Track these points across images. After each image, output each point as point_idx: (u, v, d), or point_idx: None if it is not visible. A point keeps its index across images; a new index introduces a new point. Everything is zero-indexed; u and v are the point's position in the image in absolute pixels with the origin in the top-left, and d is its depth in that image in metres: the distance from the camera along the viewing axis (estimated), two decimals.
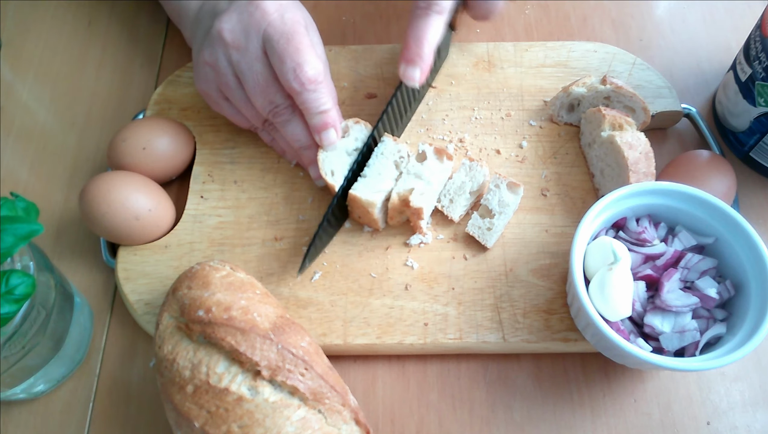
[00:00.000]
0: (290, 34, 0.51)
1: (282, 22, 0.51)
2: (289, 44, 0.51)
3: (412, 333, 0.53)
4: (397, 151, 0.57)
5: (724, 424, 0.51)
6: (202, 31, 0.56)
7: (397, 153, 0.56)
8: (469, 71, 0.66)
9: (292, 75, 0.51)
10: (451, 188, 0.57)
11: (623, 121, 0.57)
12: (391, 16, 0.73)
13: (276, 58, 0.51)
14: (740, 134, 0.61)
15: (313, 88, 0.52)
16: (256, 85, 0.53)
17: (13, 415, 0.53)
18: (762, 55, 0.55)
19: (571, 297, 0.51)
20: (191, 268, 0.50)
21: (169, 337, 0.46)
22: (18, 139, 0.66)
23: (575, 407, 0.52)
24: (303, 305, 0.54)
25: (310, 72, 0.51)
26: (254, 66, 0.52)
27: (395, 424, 0.52)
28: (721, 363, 0.45)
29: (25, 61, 0.70)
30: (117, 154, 0.57)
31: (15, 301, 0.42)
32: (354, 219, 0.58)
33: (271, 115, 0.55)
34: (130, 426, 0.52)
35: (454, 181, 0.57)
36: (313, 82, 0.51)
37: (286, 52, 0.51)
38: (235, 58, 0.53)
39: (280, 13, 0.52)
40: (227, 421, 0.43)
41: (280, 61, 0.51)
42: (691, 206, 0.51)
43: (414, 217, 0.55)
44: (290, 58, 0.51)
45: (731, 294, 0.49)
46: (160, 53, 0.71)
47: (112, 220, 0.54)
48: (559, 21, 0.72)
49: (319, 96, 0.52)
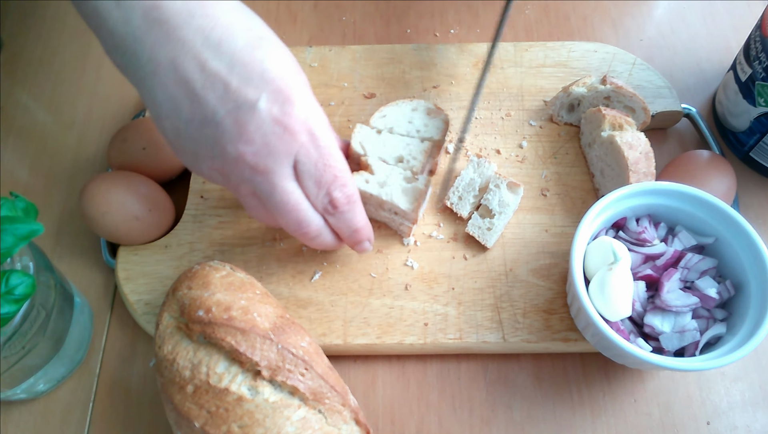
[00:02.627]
0: (325, 158, 0.46)
1: (314, 144, 0.46)
2: (326, 171, 0.46)
3: (412, 333, 0.53)
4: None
5: (724, 424, 0.51)
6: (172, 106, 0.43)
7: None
8: (469, 71, 0.66)
9: (327, 200, 0.48)
10: (460, 185, 0.57)
11: (623, 121, 0.57)
12: (391, 16, 0.73)
13: (310, 183, 0.47)
14: (740, 134, 0.61)
15: (347, 210, 0.49)
16: (286, 204, 0.47)
17: (13, 415, 0.53)
18: (762, 55, 0.55)
19: (571, 297, 0.51)
20: (191, 268, 0.50)
21: (169, 337, 0.46)
22: (18, 139, 0.66)
23: (575, 407, 0.52)
24: (303, 305, 0.54)
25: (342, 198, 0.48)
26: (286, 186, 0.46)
27: (395, 424, 0.52)
28: (721, 363, 0.45)
29: (25, 61, 0.70)
30: (117, 154, 0.57)
31: (15, 301, 0.42)
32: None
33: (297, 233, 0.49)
34: (130, 426, 0.52)
35: (462, 178, 0.58)
36: (347, 204, 0.48)
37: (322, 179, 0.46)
38: (260, 180, 0.45)
39: (309, 130, 0.45)
40: (227, 421, 0.43)
41: (315, 186, 0.47)
42: (691, 206, 0.51)
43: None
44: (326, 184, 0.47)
45: (731, 294, 0.49)
46: None
47: (112, 220, 0.54)
48: (559, 21, 0.72)
49: (353, 216, 0.49)
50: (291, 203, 0.46)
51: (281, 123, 0.43)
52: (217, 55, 0.42)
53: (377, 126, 0.58)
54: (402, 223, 0.56)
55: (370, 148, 0.56)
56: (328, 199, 0.48)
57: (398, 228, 0.57)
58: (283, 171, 0.45)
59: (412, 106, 0.59)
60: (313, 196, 0.47)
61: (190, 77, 0.42)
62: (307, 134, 0.45)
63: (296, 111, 0.44)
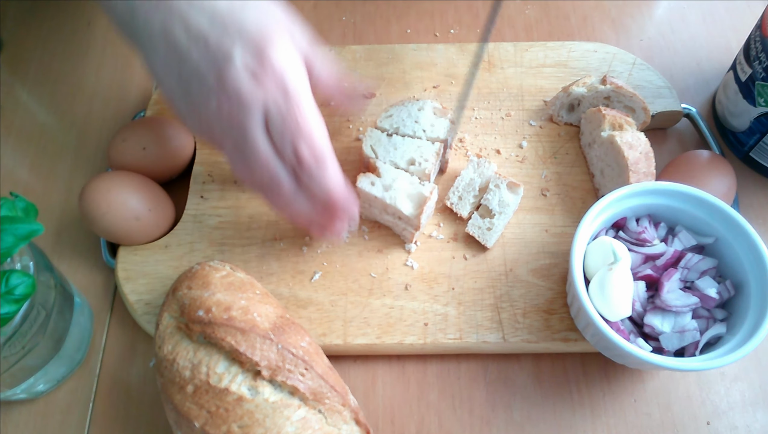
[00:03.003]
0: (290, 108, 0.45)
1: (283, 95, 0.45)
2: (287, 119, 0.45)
3: (412, 333, 0.53)
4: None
5: (724, 424, 0.51)
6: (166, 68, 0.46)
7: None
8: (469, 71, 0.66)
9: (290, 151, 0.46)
10: (460, 185, 0.57)
11: (623, 121, 0.57)
12: (391, 16, 0.73)
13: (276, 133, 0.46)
14: (740, 134, 0.61)
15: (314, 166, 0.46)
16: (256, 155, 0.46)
17: (13, 415, 0.53)
18: (762, 55, 0.55)
19: (571, 297, 0.51)
20: (191, 268, 0.50)
21: (169, 337, 0.46)
22: (18, 139, 0.66)
23: (575, 407, 0.52)
24: (303, 305, 0.54)
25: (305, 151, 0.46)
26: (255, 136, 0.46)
27: (395, 424, 0.52)
28: (721, 363, 0.45)
29: (25, 61, 0.70)
30: (117, 154, 0.57)
31: (15, 301, 0.42)
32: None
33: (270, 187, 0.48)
34: (130, 426, 0.52)
35: (462, 178, 0.58)
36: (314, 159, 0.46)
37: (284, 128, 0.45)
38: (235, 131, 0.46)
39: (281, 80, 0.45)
40: (227, 421, 0.43)
41: (279, 136, 0.45)
42: (691, 206, 0.51)
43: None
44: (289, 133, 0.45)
45: (731, 294, 0.49)
46: None
47: (112, 220, 0.54)
48: (559, 21, 0.72)
49: (323, 176, 0.47)
50: (261, 158, 0.46)
51: (253, 72, 0.44)
52: (200, 14, 0.44)
53: (383, 126, 0.58)
54: (405, 229, 0.56)
55: (381, 151, 0.56)
56: (293, 151, 0.46)
57: (401, 233, 0.57)
58: (254, 122, 0.45)
59: (418, 105, 0.59)
60: (279, 146, 0.46)
61: (177, 39, 0.44)
62: (278, 84, 0.45)
63: (268, 60, 0.44)
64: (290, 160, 0.46)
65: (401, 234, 0.57)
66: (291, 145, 0.45)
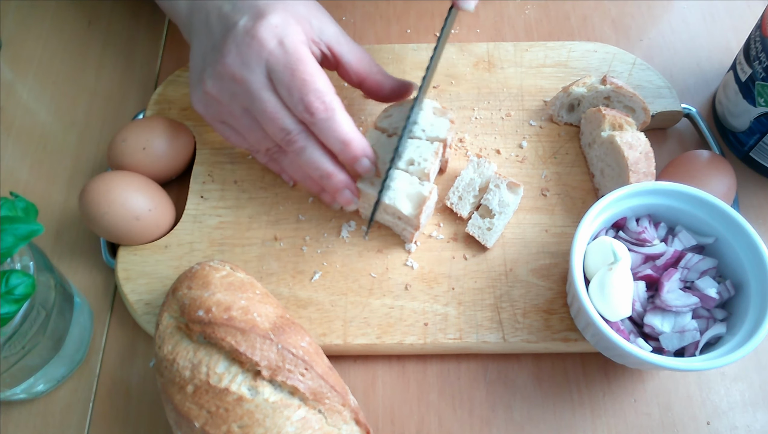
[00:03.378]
0: (293, 64, 0.48)
1: (283, 50, 0.48)
2: (294, 75, 0.48)
3: (412, 333, 0.53)
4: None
5: (724, 424, 0.51)
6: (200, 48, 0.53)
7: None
8: (469, 71, 0.66)
9: (302, 106, 0.48)
10: (460, 185, 0.57)
11: (623, 121, 0.57)
12: (391, 16, 0.73)
13: (283, 90, 0.49)
14: (740, 134, 0.61)
15: (326, 117, 0.49)
16: (265, 113, 0.50)
17: (13, 415, 0.53)
18: (762, 55, 0.55)
19: (571, 297, 0.51)
20: (191, 268, 0.50)
21: (169, 337, 0.46)
22: (18, 139, 0.66)
23: (575, 407, 0.52)
24: (303, 305, 0.54)
25: (316, 102, 0.48)
26: (261, 95, 0.49)
27: (395, 424, 0.52)
28: (721, 363, 0.45)
29: (25, 61, 0.70)
30: (117, 154, 0.57)
31: (15, 301, 0.42)
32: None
33: (284, 143, 0.51)
34: (130, 426, 0.52)
35: (462, 178, 0.58)
36: (325, 110, 0.49)
37: (292, 84, 0.48)
38: (241, 90, 0.50)
39: (278, 39, 0.49)
40: (227, 421, 0.43)
41: (287, 92, 0.49)
42: (691, 206, 0.51)
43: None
44: (297, 89, 0.48)
45: (731, 294, 0.49)
46: (160, 53, 0.71)
47: (112, 220, 0.54)
48: (559, 21, 0.72)
49: (336, 124, 0.49)
50: (269, 110, 0.49)
51: (250, 33, 0.49)
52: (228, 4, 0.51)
53: (382, 126, 0.58)
54: (405, 229, 0.56)
55: (380, 151, 0.56)
56: (303, 106, 0.48)
57: (401, 233, 0.57)
58: (257, 78, 0.49)
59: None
60: (289, 103, 0.49)
61: (211, 21, 0.52)
62: (276, 42, 0.49)
63: (266, 22, 0.49)
64: (301, 114, 0.49)
65: (401, 234, 0.57)
66: (300, 98, 0.48)
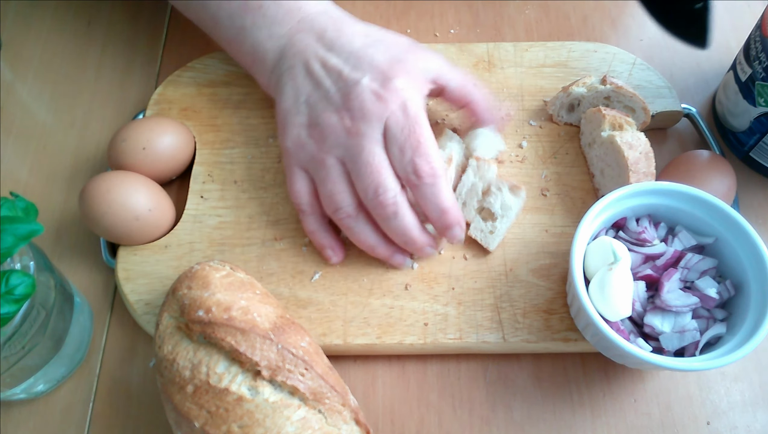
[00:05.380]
0: (412, 126, 0.50)
1: (404, 114, 0.50)
2: (410, 136, 0.50)
3: (412, 333, 0.53)
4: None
5: (724, 424, 0.51)
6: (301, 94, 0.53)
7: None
8: (469, 71, 0.66)
9: (411, 167, 0.50)
10: (463, 191, 0.57)
11: (623, 121, 0.57)
12: (391, 16, 0.73)
13: (396, 149, 0.50)
14: (740, 134, 0.61)
15: (432, 182, 0.50)
16: (369, 165, 0.50)
17: (13, 415, 0.53)
18: (762, 55, 0.55)
19: (571, 297, 0.51)
20: (191, 268, 0.50)
21: (169, 337, 0.46)
22: (18, 139, 0.66)
23: (575, 407, 0.52)
24: (303, 305, 0.54)
25: (425, 166, 0.50)
26: (373, 148, 0.51)
27: (395, 424, 0.52)
28: (721, 363, 0.45)
29: (25, 61, 0.70)
30: (117, 154, 0.57)
31: (15, 301, 0.42)
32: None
33: (374, 204, 0.51)
34: (130, 426, 0.52)
35: (464, 184, 0.57)
36: (432, 176, 0.50)
37: (406, 144, 0.50)
38: (351, 142, 0.51)
39: (401, 102, 0.51)
40: (227, 421, 0.43)
41: (400, 151, 0.50)
42: (691, 206, 0.51)
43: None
44: (410, 149, 0.50)
45: (731, 294, 0.49)
46: (160, 53, 0.71)
47: (112, 220, 0.54)
48: (559, 21, 0.72)
49: (437, 191, 0.51)
50: (374, 164, 0.50)
51: (377, 93, 0.51)
52: (336, 55, 0.53)
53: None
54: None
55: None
56: (412, 167, 0.50)
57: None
58: (373, 134, 0.51)
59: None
60: (397, 161, 0.51)
61: (315, 71, 0.53)
62: (400, 104, 0.51)
63: (392, 85, 0.51)
64: (408, 174, 0.50)
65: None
66: (411, 159, 0.50)
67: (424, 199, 0.51)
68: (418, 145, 0.50)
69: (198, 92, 0.65)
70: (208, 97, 0.65)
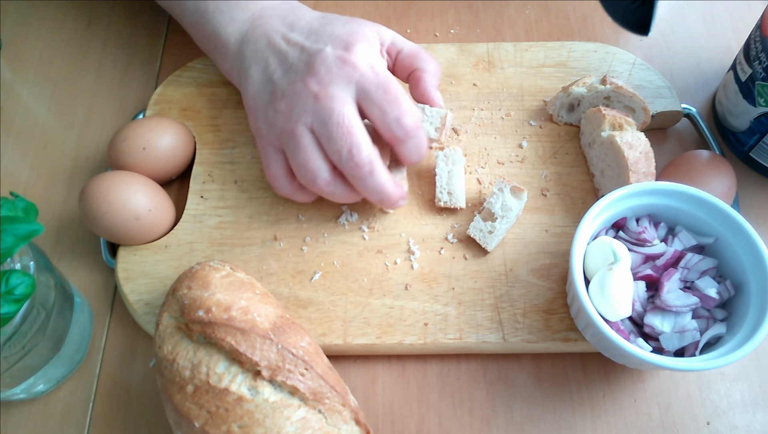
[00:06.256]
0: (386, 84, 0.51)
1: (374, 73, 0.52)
2: (387, 93, 0.51)
3: (412, 333, 0.53)
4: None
5: (724, 424, 0.51)
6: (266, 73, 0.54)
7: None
8: (469, 71, 0.66)
9: (396, 124, 0.51)
10: (442, 182, 0.57)
11: (623, 121, 0.57)
12: (391, 16, 0.73)
13: (375, 108, 0.51)
14: (740, 134, 0.61)
15: (415, 135, 0.52)
16: (340, 126, 0.50)
17: (13, 415, 0.53)
18: (762, 55, 0.55)
19: (571, 297, 0.51)
20: (191, 268, 0.50)
21: (169, 337, 0.46)
22: (18, 139, 0.66)
23: (575, 407, 0.52)
24: (303, 305, 0.54)
25: (410, 121, 0.52)
26: (343, 109, 0.51)
27: (395, 424, 0.52)
28: (721, 363, 0.45)
29: (25, 61, 0.70)
30: (117, 154, 0.57)
31: (15, 301, 0.42)
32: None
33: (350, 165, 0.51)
34: (130, 426, 0.52)
35: (440, 176, 0.57)
36: (416, 128, 0.52)
37: (385, 100, 0.51)
38: (319, 106, 0.51)
39: (369, 63, 0.52)
40: (227, 421, 0.43)
41: (380, 111, 0.51)
42: (691, 206, 0.51)
43: None
44: (391, 107, 0.51)
45: (731, 294, 0.49)
46: (160, 53, 0.71)
47: (112, 220, 0.54)
48: (559, 21, 0.72)
49: (420, 141, 0.53)
50: (345, 125, 0.50)
51: (341, 57, 0.52)
52: (297, 32, 0.55)
53: None
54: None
55: None
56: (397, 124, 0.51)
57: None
58: (342, 95, 0.51)
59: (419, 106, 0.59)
60: (380, 121, 0.52)
61: (279, 47, 0.54)
62: (368, 66, 0.52)
63: (355, 50, 0.52)
64: (393, 130, 0.52)
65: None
66: (396, 116, 0.51)
67: (409, 152, 0.53)
68: (399, 102, 0.51)
69: (198, 92, 0.65)
70: (208, 97, 0.65)
